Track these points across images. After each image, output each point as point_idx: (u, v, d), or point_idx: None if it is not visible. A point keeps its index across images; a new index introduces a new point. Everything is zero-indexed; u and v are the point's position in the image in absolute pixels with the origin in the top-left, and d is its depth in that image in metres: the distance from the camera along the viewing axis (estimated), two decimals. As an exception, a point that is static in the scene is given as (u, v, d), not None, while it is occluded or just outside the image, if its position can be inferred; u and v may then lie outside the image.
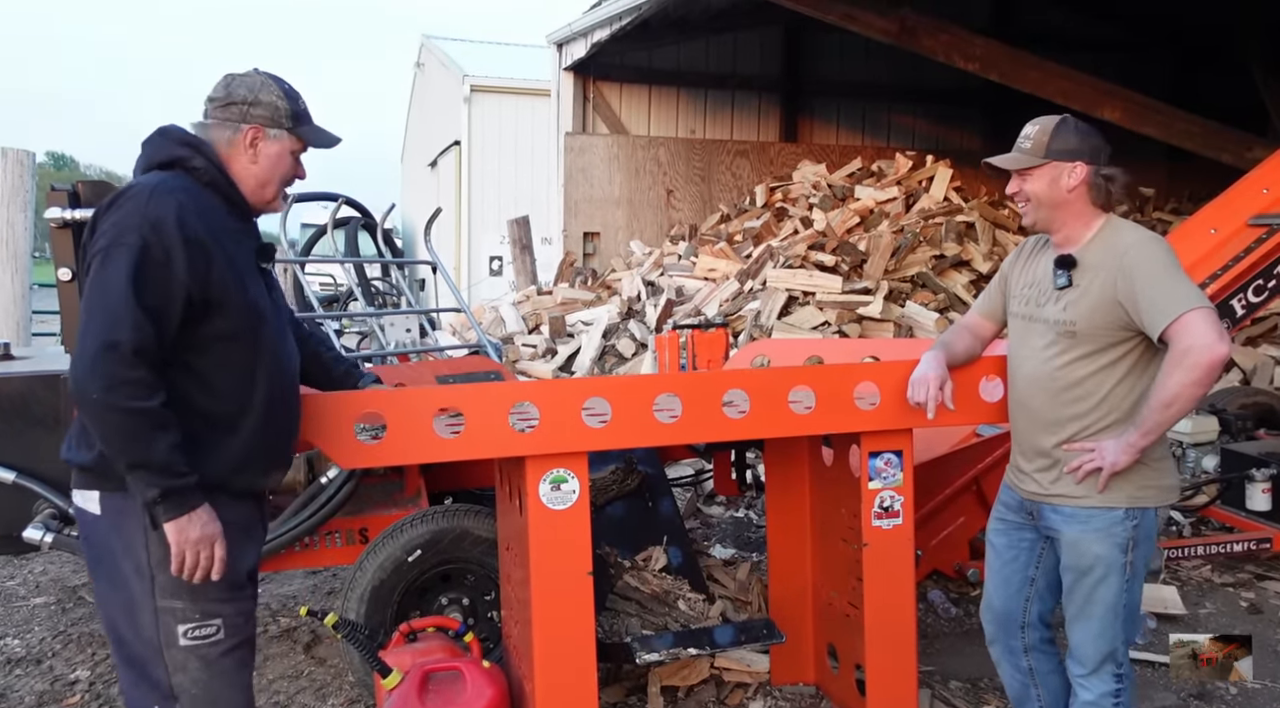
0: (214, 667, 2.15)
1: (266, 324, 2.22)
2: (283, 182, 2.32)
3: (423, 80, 22.54)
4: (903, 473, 2.95)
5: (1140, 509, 2.49)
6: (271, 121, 2.25)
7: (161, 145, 2.23)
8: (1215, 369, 2.32)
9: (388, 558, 3.31)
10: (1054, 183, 2.50)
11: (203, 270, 2.07)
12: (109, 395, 1.96)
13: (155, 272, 2.02)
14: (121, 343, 1.97)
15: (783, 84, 13.47)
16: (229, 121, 2.24)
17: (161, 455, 2.00)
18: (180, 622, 2.12)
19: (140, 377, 1.98)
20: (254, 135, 2.24)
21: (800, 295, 8.54)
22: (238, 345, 2.15)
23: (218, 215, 2.19)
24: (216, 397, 2.14)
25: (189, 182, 2.18)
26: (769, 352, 4.57)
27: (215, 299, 2.10)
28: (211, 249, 2.09)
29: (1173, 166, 11.69)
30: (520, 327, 10.30)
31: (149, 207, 2.05)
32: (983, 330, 2.86)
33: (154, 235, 2.02)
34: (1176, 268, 2.41)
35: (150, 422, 1.99)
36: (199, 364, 2.12)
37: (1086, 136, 2.52)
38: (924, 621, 4.19)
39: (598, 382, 2.98)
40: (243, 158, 2.25)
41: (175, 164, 2.19)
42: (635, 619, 3.43)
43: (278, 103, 2.25)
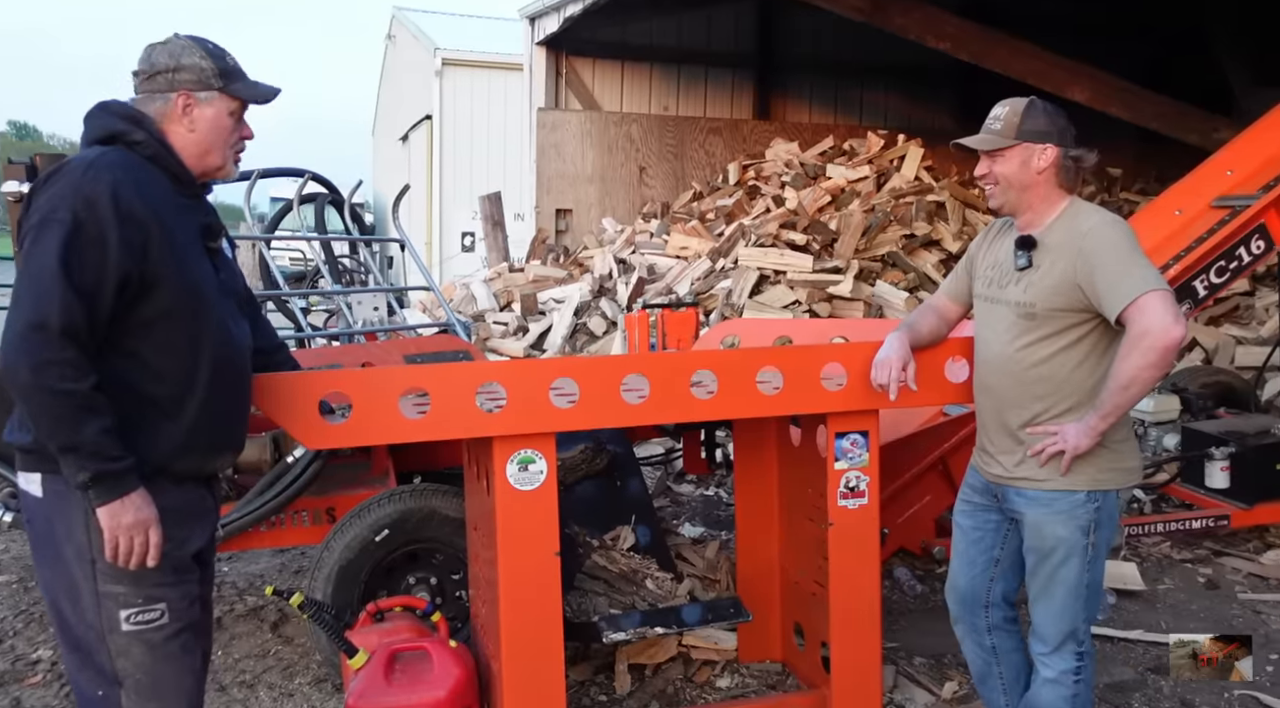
0: (158, 651, 2.12)
1: (209, 304, 2.16)
2: (227, 145, 2.23)
3: (394, 53, 22.25)
4: (868, 453, 2.97)
5: (1102, 492, 2.52)
6: (200, 84, 2.16)
7: (102, 120, 2.15)
8: (1171, 351, 2.35)
9: (355, 538, 3.29)
10: (1024, 164, 2.51)
11: (139, 248, 2.01)
12: (37, 376, 1.92)
13: (88, 249, 1.96)
14: (50, 323, 1.92)
15: (756, 61, 13.42)
16: (157, 92, 2.16)
17: (91, 438, 1.95)
18: (122, 607, 2.08)
19: (69, 357, 1.93)
20: (185, 101, 2.16)
21: (772, 274, 8.56)
22: (178, 326, 2.09)
23: (160, 191, 2.12)
24: (157, 379, 2.09)
25: (130, 156, 2.10)
26: (739, 332, 4.58)
27: (153, 278, 2.03)
28: (150, 226, 2.03)
29: (1140, 147, 11.77)
30: (492, 304, 10.25)
31: (83, 182, 1.98)
32: (949, 312, 2.88)
33: (87, 212, 1.96)
34: (1136, 251, 2.44)
35: (79, 404, 1.94)
36: (138, 345, 2.06)
37: (1055, 118, 2.53)
38: (890, 598, 4.24)
39: (565, 362, 2.98)
40: (179, 127, 2.17)
41: (116, 139, 2.12)
42: (603, 598, 3.44)
43: (202, 63, 2.17)
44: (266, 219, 7.73)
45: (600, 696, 3.42)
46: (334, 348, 4.80)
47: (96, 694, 2.13)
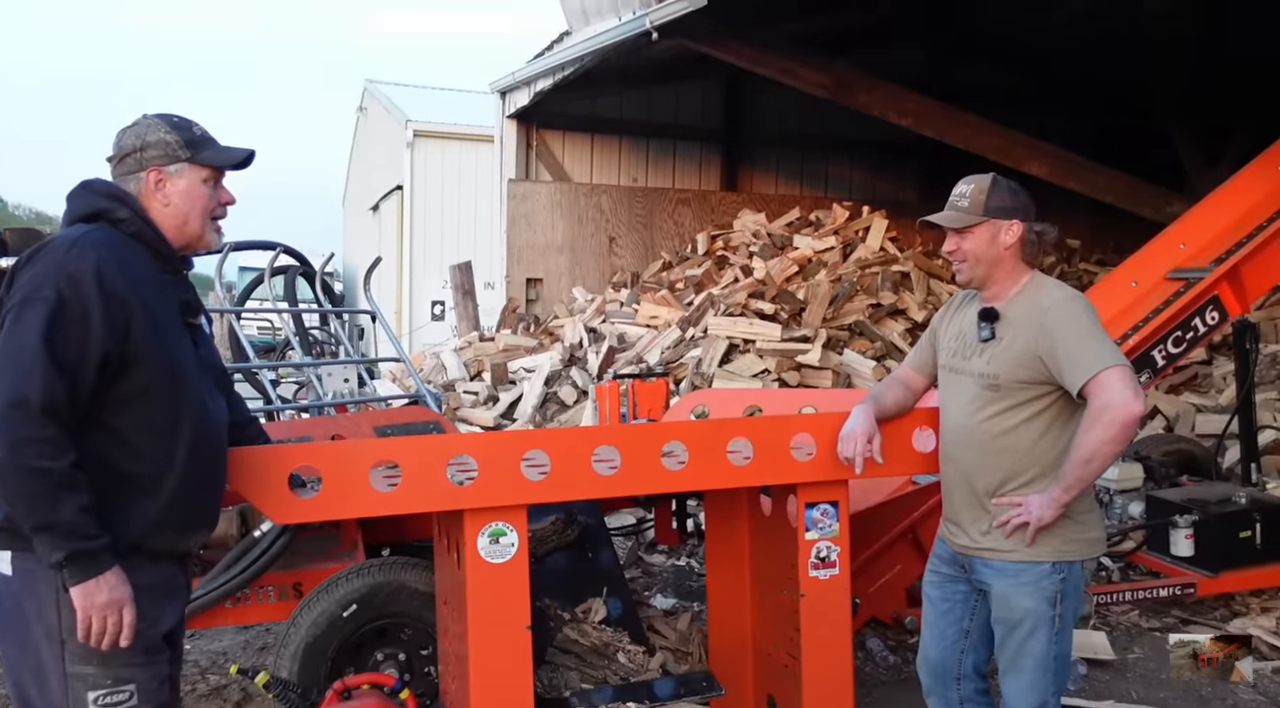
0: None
1: (188, 382, 2.16)
2: (205, 213, 2.25)
3: (365, 125, 22.50)
4: (839, 523, 2.98)
5: (1067, 563, 2.55)
6: (167, 157, 2.19)
7: (85, 198, 2.18)
8: (1131, 426, 2.41)
9: (322, 613, 3.24)
10: (992, 240, 2.58)
11: (122, 326, 2.02)
12: (14, 455, 1.91)
13: (71, 327, 1.97)
14: (30, 401, 1.91)
15: (723, 134, 13.70)
16: (130, 174, 2.20)
17: (68, 517, 1.94)
18: (91, 688, 2.04)
19: (48, 436, 1.93)
20: (156, 177, 2.19)
21: (741, 343, 8.64)
22: (157, 403, 2.09)
23: (142, 268, 2.14)
24: (135, 456, 2.08)
25: (113, 234, 2.13)
26: (708, 402, 4.61)
27: (134, 356, 2.04)
28: (132, 304, 2.04)
29: (1097, 220, 12.09)
30: (462, 373, 10.24)
31: (66, 260, 2.00)
32: (914, 383, 2.93)
33: (71, 290, 1.97)
34: (1095, 326, 2.51)
35: (57, 482, 1.93)
36: (116, 423, 2.06)
37: (1018, 194, 2.62)
38: (862, 669, 4.21)
39: (536, 434, 2.99)
40: (155, 203, 2.20)
41: (100, 216, 2.15)
42: (575, 673, 3.40)
43: (166, 137, 2.20)
44: (236, 290, 7.70)
45: (571, 774, 3.35)
46: (304, 420, 4.78)
47: None
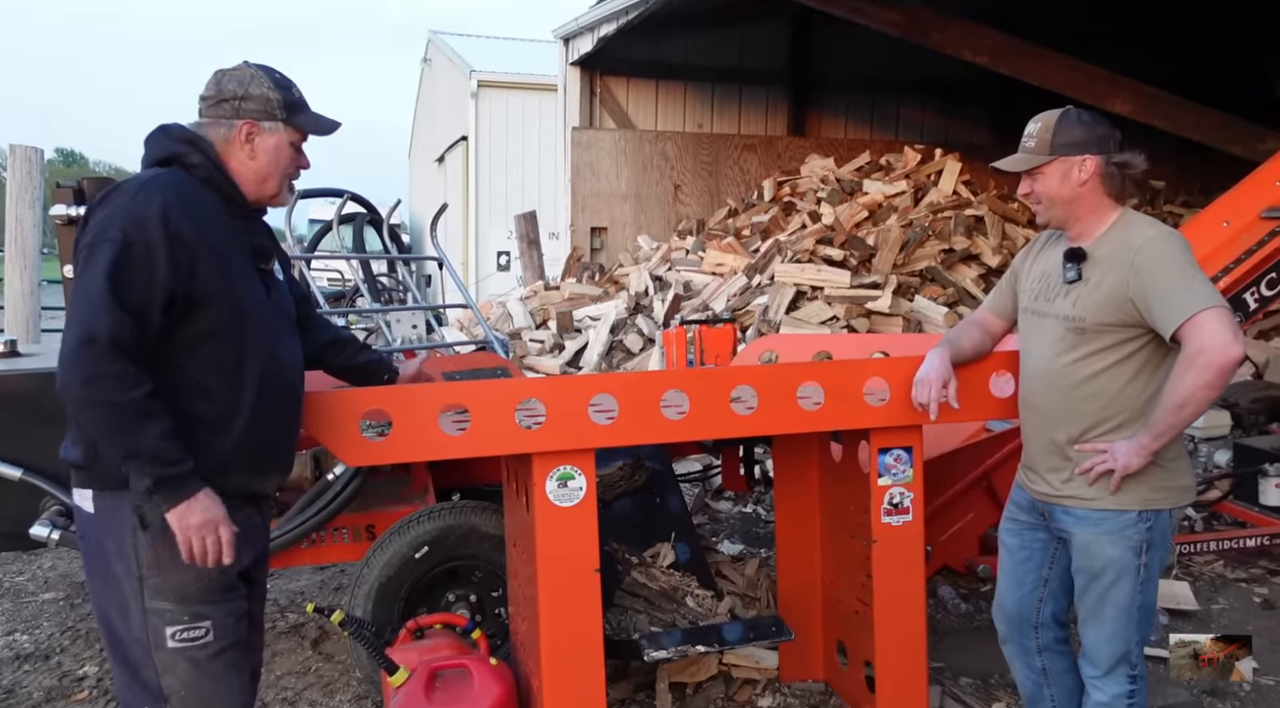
0: (203, 669, 2.13)
1: (257, 325, 2.18)
2: (284, 175, 2.28)
3: (430, 76, 22.52)
4: (912, 469, 2.92)
5: (1154, 511, 2.44)
6: (265, 114, 2.21)
7: (161, 142, 2.20)
8: (1229, 371, 2.28)
9: (394, 555, 3.29)
10: (1065, 178, 2.45)
11: (186, 269, 2.04)
12: (89, 389, 1.95)
13: (136, 269, 1.99)
14: (98, 337, 1.95)
15: (790, 77, 13.41)
16: (222, 118, 2.20)
17: (151, 444, 1.98)
18: (168, 624, 2.10)
19: (120, 369, 1.96)
20: (249, 130, 2.20)
21: (808, 290, 8.51)
22: (224, 345, 2.11)
23: (212, 213, 2.15)
24: (204, 397, 2.11)
25: (184, 178, 2.15)
26: (777, 347, 4.54)
27: (199, 298, 2.06)
28: (198, 248, 2.06)
29: (1183, 159, 11.58)
30: (527, 322, 10.29)
31: (134, 204, 2.03)
32: (993, 326, 2.83)
33: (137, 232, 2.00)
34: (1192, 265, 2.37)
35: (134, 412, 1.97)
36: (185, 364, 2.09)
37: (1092, 126, 2.46)
38: (934, 617, 4.17)
39: (605, 378, 2.97)
40: (240, 154, 2.21)
41: (173, 161, 2.17)
42: (643, 616, 3.41)
43: (269, 94, 2.21)
44: (305, 240, 7.80)
45: (641, 715, 3.39)
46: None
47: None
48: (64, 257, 3.49)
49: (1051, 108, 2.58)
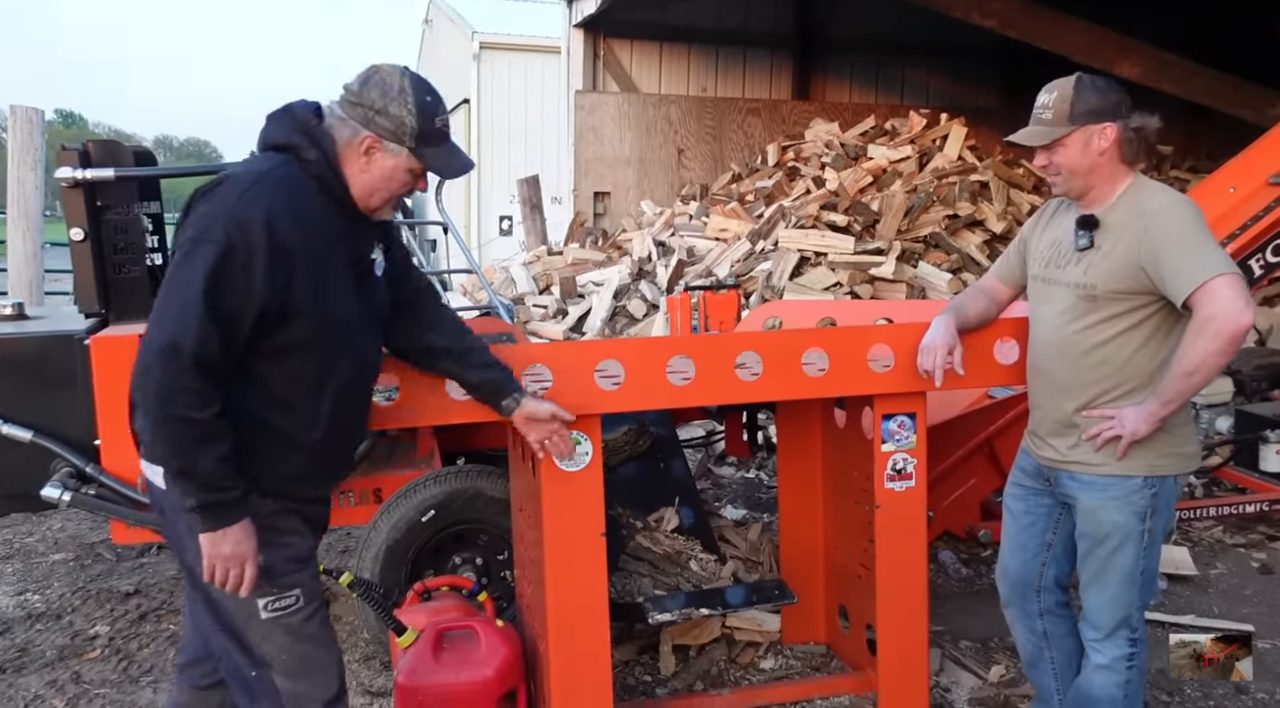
0: (299, 632, 2.16)
1: (345, 336, 2.14)
2: (393, 195, 2.18)
3: (431, 38, 22.29)
4: (916, 436, 2.94)
5: (1159, 477, 2.46)
6: (393, 136, 2.10)
7: (281, 126, 2.12)
8: (1239, 338, 2.28)
9: (401, 518, 3.33)
10: (1085, 148, 2.42)
11: (283, 280, 1.98)
12: (163, 403, 1.92)
13: (234, 276, 1.94)
14: (184, 349, 1.91)
15: (795, 41, 13.28)
16: (351, 121, 2.10)
17: (206, 468, 1.95)
18: (260, 596, 2.10)
19: (197, 386, 1.93)
20: (370, 143, 2.10)
21: (812, 256, 8.49)
22: (310, 358, 2.08)
23: (318, 214, 2.08)
24: (282, 410, 2.09)
25: (295, 173, 2.07)
26: (781, 313, 4.55)
27: (293, 310, 2.01)
28: (298, 256, 2.00)
29: (1192, 123, 11.49)
30: (531, 287, 10.28)
31: (240, 204, 1.96)
32: (999, 294, 2.83)
33: (240, 235, 1.93)
34: (1204, 232, 2.36)
35: (199, 432, 1.94)
36: (267, 374, 2.06)
37: (1108, 93, 2.43)
38: (935, 581, 4.21)
39: (610, 344, 2.97)
40: (356, 162, 2.12)
41: (288, 149, 2.09)
42: (647, 579, 3.45)
43: (406, 118, 2.10)
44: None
45: (645, 676, 3.44)
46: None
47: (250, 676, 2.17)
48: (69, 219, 3.48)
49: (1059, 74, 2.56)
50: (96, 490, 3.40)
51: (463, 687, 2.76)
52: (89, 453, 3.40)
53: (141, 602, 4.12)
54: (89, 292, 3.54)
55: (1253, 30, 10.10)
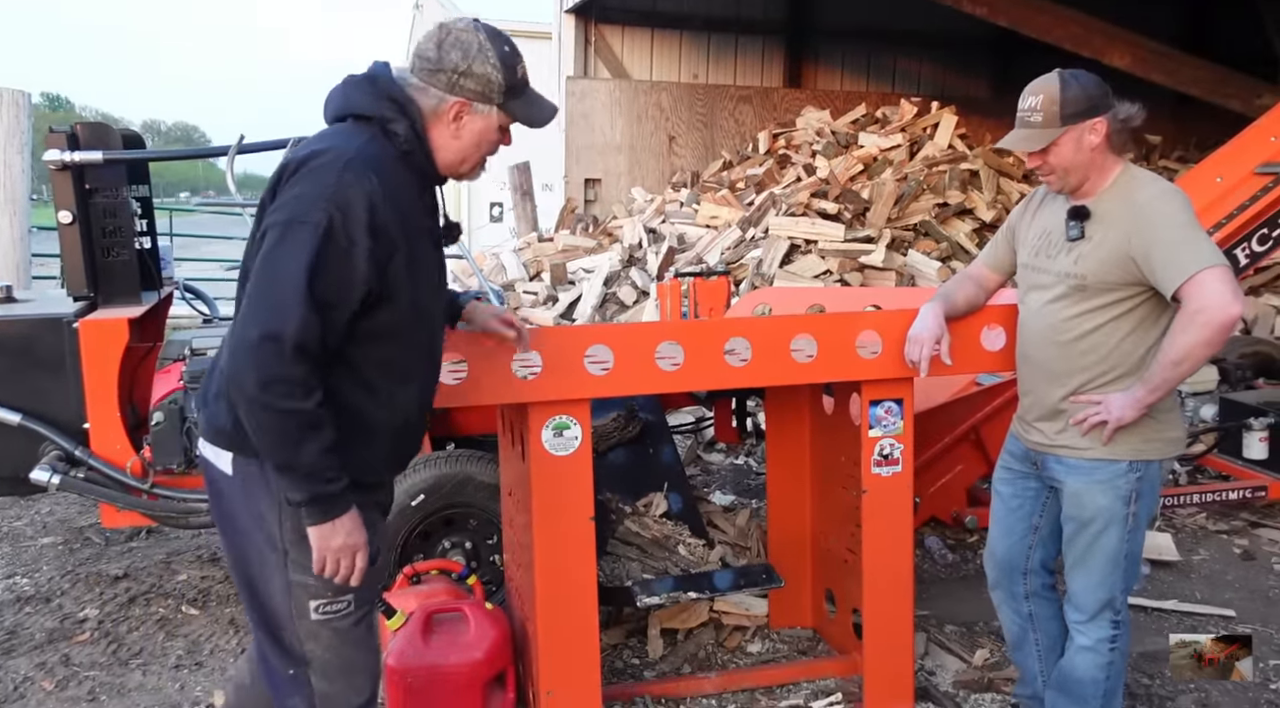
0: (345, 635, 2.09)
1: (434, 319, 2.11)
2: (484, 157, 2.12)
3: (421, 22, 22.15)
4: (903, 421, 2.96)
5: (1144, 462, 2.49)
6: (480, 96, 2.01)
7: (367, 94, 2.00)
8: (1228, 329, 2.31)
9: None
10: (1079, 146, 2.42)
11: (383, 264, 1.90)
12: (264, 392, 1.82)
13: (336, 261, 1.84)
14: (285, 337, 1.81)
15: (787, 28, 13.27)
16: (435, 88, 2.00)
17: (310, 459, 1.87)
18: (313, 598, 2.03)
19: (299, 375, 1.83)
20: (459, 109, 2.01)
21: (802, 243, 8.50)
22: (400, 342, 2.03)
23: (408, 194, 2.00)
24: (369, 396, 2.02)
25: (386, 151, 1.96)
26: (770, 300, 4.57)
27: (389, 293, 1.94)
28: (397, 241, 1.92)
29: (1180, 112, 11.54)
30: (521, 274, 10.27)
31: (339, 186, 1.85)
32: (988, 281, 2.85)
33: (341, 218, 1.83)
34: (1193, 223, 2.38)
35: (303, 423, 1.85)
36: (358, 357, 1.98)
37: (1092, 88, 2.43)
38: (921, 566, 4.24)
39: (600, 329, 2.99)
40: (444, 130, 2.03)
41: (374, 121, 1.98)
42: (636, 564, 3.47)
43: (491, 75, 1.99)
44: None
45: (633, 659, 3.46)
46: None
47: (287, 673, 2.10)
48: (58, 203, 3.48)
49: (1050, 62, 2.56)
50: (86, 474, 3.41)
51: (451, 669, 2.78)
52: (78, 436, 3.41)
53: (130, 585, 4.13)
54: (77, 275, 3.54)
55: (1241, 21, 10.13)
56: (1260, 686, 3.29)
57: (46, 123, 3.72)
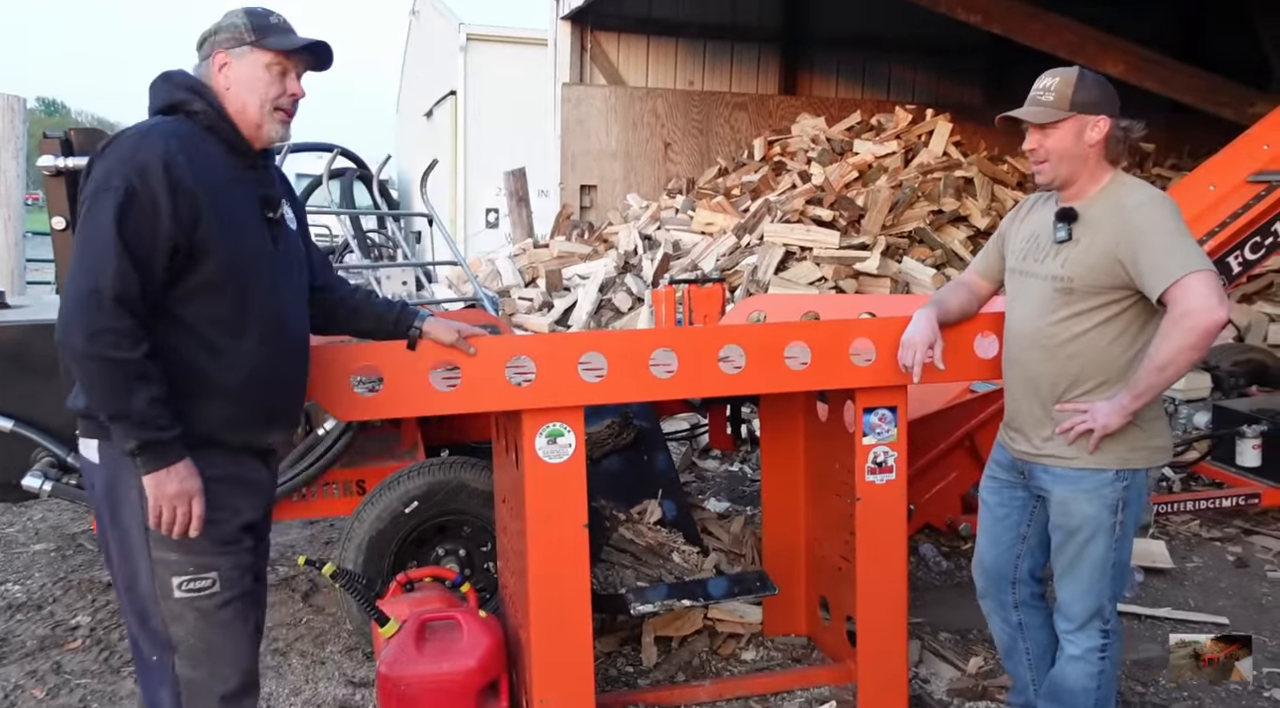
0: (211, 618, 2.14)
1: (260, 276, 2.16)
2: (264, 101, 2.18)
3: (418, 28, 22.19)
4: (897, 429, 2.96)
5: (1131, 470, 2.50)
6: (234, 40, 2.17)
7: (163, 89, 2.17)
8: (1213, 333, 2.32)
9: (385, 509, 3.33)
10: (1078, 137, 2.46)
11: (189, 219, 2.02)
12: (90, 344, 1.94)
13: (141, 218, 1.98)
14: (104, 290, 1.93)
15: (782, 36, 13.30)
16: (203, 60, 2.19)
17: (141, 407, 1.96)
18: (175, 574, 2.10)
19: (123, 325, 1.95)
20: (221, 60, 2.17)
21: (797, 250, 8.51)
22: (225, 297, 2.10)
23: (216, 162, 2.12)
24: (208, 350, 2.10)
25: (187, 126, 2.12)
26: (765, 307, 4.57)
27: (201, 249, 2.04)
28: (201, 198, 2.03)
29: (1173, 121, 11.56)
30: (517, 280, 10.27)
31: (136, 152, 2.01)
32: (979, 288, 2.86)
33: (140, 181, 1.98)
34: (1181, 229, 2.39)
35: (131, 372, 1.96)
36: (187, 315, 2.07)
37: (1104, 87, 2.49)
38: (915, 574, 4.24)
39: (594, 336, 2.99)
40: (219, 87, 2.18)
41: (177, 108, 2.14)
42: (630, 571, 3.47)
43: (238, 22, 2.18)
44: (294, 194, 7.68)
45: (627, 667, 3.46)
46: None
47: (151, 659, 2.17)
48: (52, 208, 3.47)
49: (1044, 70, 2.59)
50: (78, 480, 3.39)
51: (445, 677, 2.78)
52: (70, 443, 3.39)
53: (123, 592, 4.12)
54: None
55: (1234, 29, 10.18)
56: (1254, 693, 3.29)
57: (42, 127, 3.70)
